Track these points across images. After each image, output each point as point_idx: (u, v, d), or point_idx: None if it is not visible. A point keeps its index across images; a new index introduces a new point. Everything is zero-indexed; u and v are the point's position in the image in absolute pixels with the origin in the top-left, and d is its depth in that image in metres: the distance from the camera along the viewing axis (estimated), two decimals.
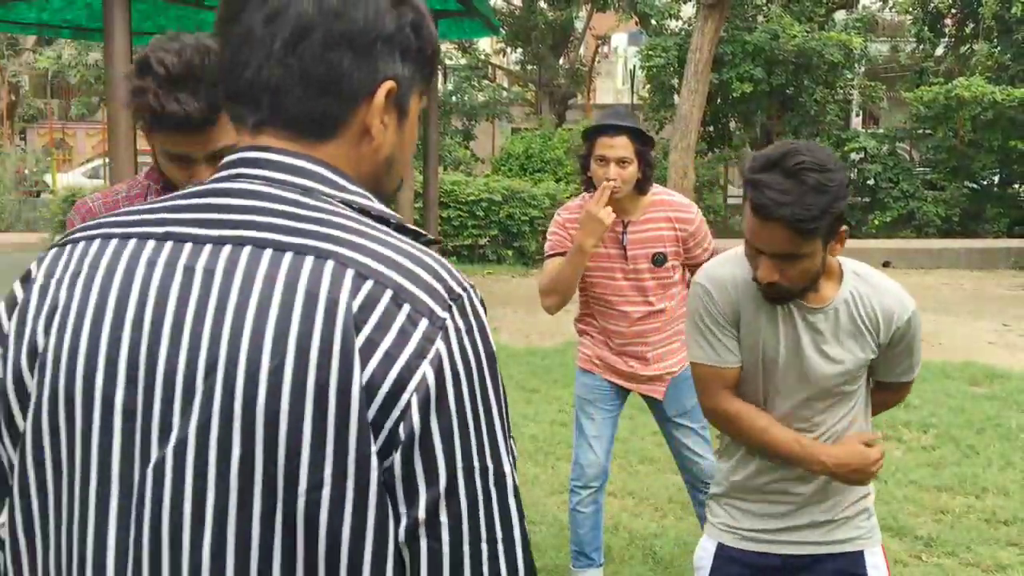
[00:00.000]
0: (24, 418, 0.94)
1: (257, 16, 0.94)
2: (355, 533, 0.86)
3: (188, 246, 0.92)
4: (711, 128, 18.86)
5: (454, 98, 21.86)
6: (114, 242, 0.95)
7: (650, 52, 18.22)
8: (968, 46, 21.03)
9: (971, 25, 20.72)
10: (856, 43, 18.08)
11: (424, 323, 0.87)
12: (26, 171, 22.26)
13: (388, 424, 0.86)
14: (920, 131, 18.16)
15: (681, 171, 13.50)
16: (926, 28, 21.35)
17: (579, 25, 25.75)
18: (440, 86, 18.69)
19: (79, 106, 22.35)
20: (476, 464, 0.89)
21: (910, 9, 21.44)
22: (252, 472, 0.85)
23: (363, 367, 0.85)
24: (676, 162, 13.50)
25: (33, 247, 15.65)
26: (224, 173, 0.97)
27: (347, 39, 0.94)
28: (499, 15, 21.99)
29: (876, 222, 17.19)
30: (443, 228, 13.37)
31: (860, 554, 2.15)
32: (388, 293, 0.87)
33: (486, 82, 24.89)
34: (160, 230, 0.94)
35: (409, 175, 9.37)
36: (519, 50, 26.22)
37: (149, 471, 0.87)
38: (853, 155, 18.00)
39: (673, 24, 19.77)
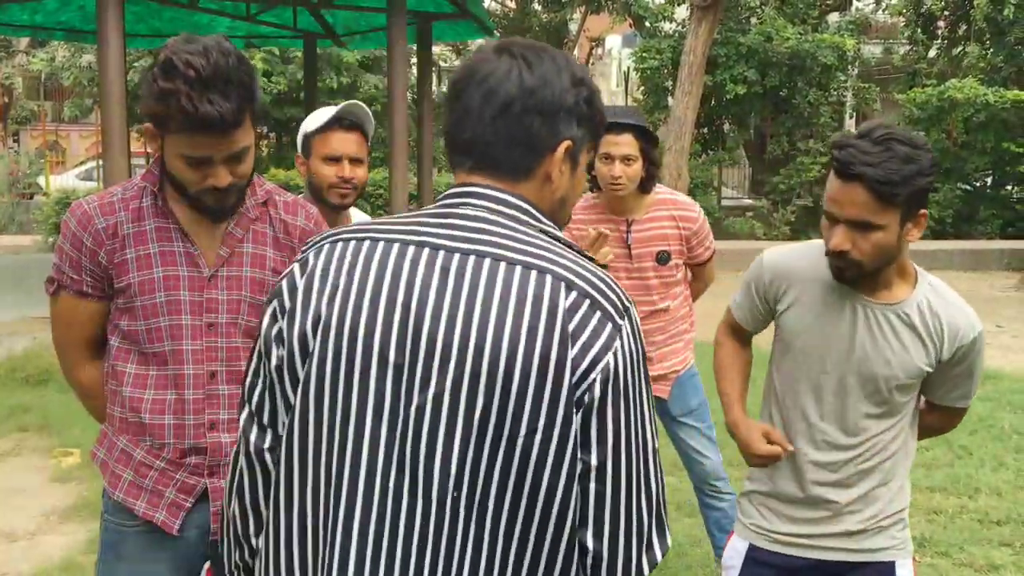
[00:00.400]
0: (302, 368, 1.27)
1: (476, 95, 1.31)
2: (554, 467, 1.21)
3: (441, 252, 1.26)
4: (705, 130, 18.88)
5: None
6: (381, 244, 1.28)
7: (644, 54, 18.25)
8: (961, 48, 21.10)
9: (964, 27, 20.80)
10: (849, 45, 18.13)
11: (609, 326, 1.24)
12: (19, 173, 22.20)
13: (578, 392, 1.21)
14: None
15: (675, 173, 13.51)
16: (919, 30, 21.43)
17: (573, 27, 25.76)
18: (434, 88, 18.71)
19: (72, 108, 22.26)
20: (635, 430, 1.26)
21: (903, 11, 21.51)
22: (488, 416, 1.20)
23: (572, 347, 1.21)
24: (670, 164, 13.52)
25: (26, 249, 15.60)
26: (451, 200, 1.33)
27: (538, 110, 1.30)
28: (493, 17, 22.00)
29: None
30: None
31: (891, 565, 2.13)
32: (587, 301, 1.23)
33: None
34: (416, 238, 1.28)
35: (404, 177, 9.36)
36: None
37: (412, 410, 1.22)
38: None
39: (667, 26, 19.80)
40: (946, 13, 21.01)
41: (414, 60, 11.90)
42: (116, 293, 1.93)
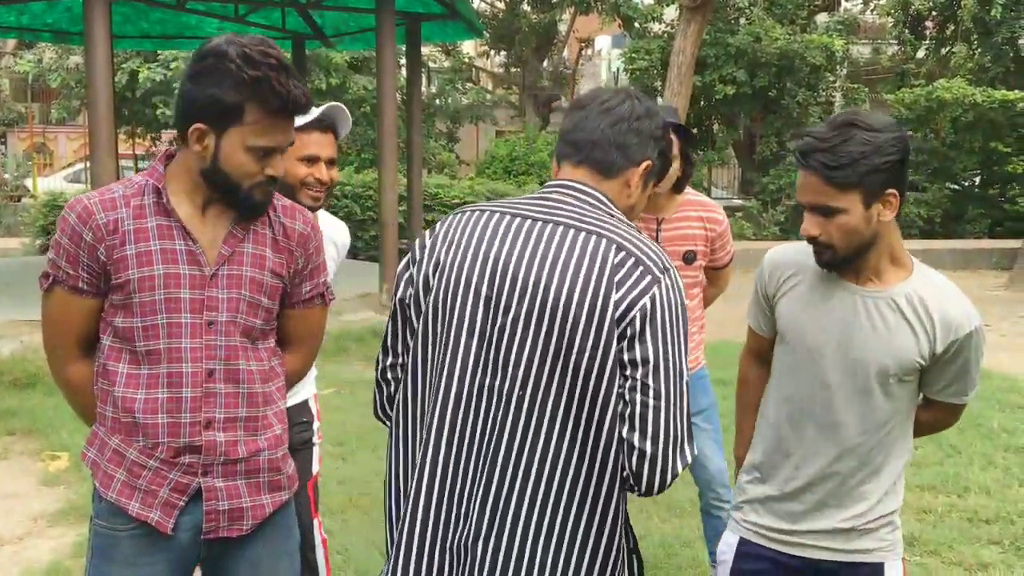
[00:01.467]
0: (424, 301, 1.77)
1: (596, 109, 1.81)
2: (608, 381, 1.65)
3: (528, 220, 1.74)
4: (694, 130, 18.89)
5: (438, 101, 21.84)
6: (486, 213, 1.78)
7: (633, 55, 18.28)
8: (949, 48, 21.19)
9: (952, 27, 20.88)
10: (838, 45, 18.19)
11: (649, 278, 1.66)
12: (7, 176, 22.10)
13: (621, 326, 1.64)
14: None
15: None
16: (907, 31, 21.51)
17: (562, 28, 25.78)
18: (424, 89, 18.68)
19: (59, 109, 22.17)
20: (671, 359, 1.66)
21: (891, 12, 21.58)
22: (551, 337, 1.66)
23: (616, 292, 1.64)
24: None
25: (14, 252, 15.51)
26: (547, 190, 1.81)
27: (637, 131, 1.80)
28: (482, 18, 22.00)
29: None
30: (427, 231, 13.33)
31: (881, 566, 2.11)
32: (632, 259, 1.67)
33: (470, 85, 24.88)
34: (513, 211, 1.77)
35: (393, 178, 9.34)
36: (503, 53, 26.23)
37: (495, 329, 1.70)
38: None
39: (656, 27, 19.84)
40: (934, 13, 21.10)
41: (403, 61, 11.88)
42: (112, 289, 1.91)
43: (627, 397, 1.65)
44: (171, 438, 1.91)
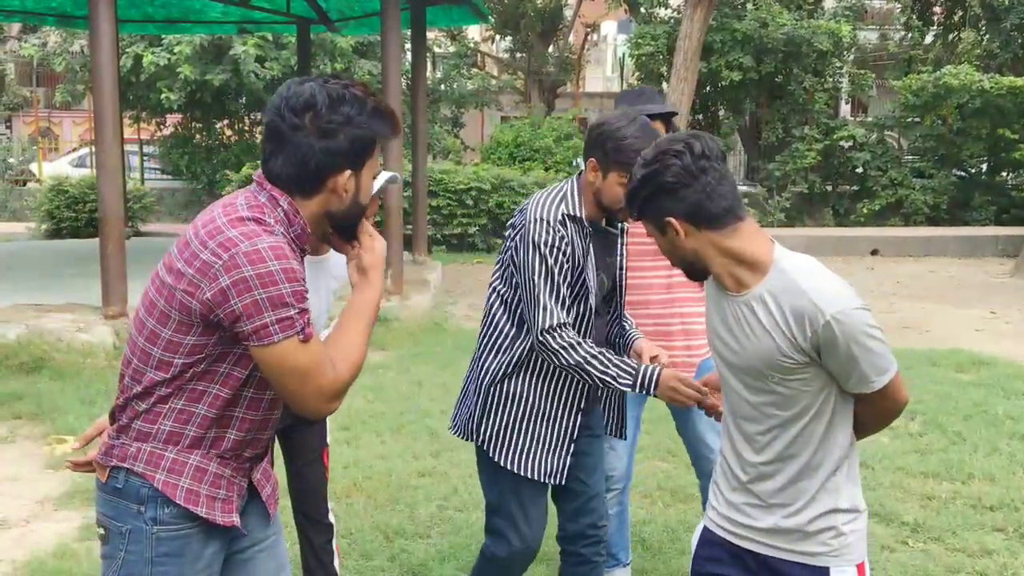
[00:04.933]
0: None
1: None
2: None
3: None
4: (700, 116, 18.86)
5: (443, 86, 21.77)
6: None
7: (639, 40, 18.20)
8: (957, 34, 21.07)
9: (960, 13, 20.76)
10: (845, 31, 18.10)
11: None
12: (12, 160, 22.11)
13: None
14: (908, 119, 18.19)
15: None
16: (915, 16, 21.39)
17: (568, 13, 25.69)
18: (429, 74, 18.62)
19: (63, 92, 22.14)
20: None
21: None
22: None
23: None
24: None
25: (20, 236, 15.55)
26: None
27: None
28: (488, 3, 21.91)
29: (864, 210, 17.23)
30: (432, 217, 13.33)
31: (826, 570, 2.08)
32: None
33: (475, 70, 24.79)
34: None
35: (399, 164, 9.33)
36: (508, 38, 26.14)
37: None
38: (842, 143, 18.03)
39: (662, 12, 19.74)
40: None
41: (408, 46, 11.85)
42: (242, 337, 1.84)
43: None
44: (251, 449, 2.01)
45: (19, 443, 5.23)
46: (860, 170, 17.92)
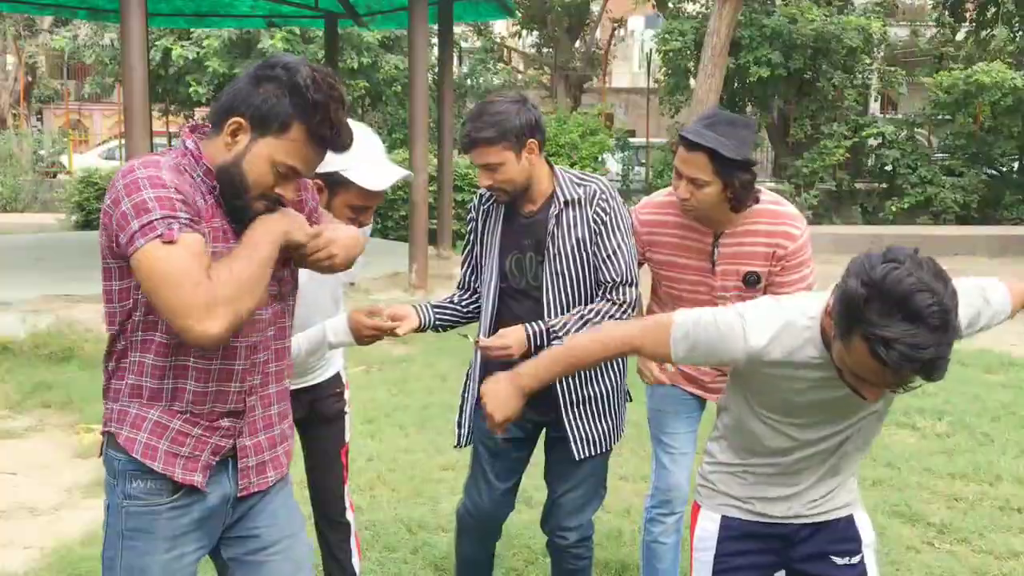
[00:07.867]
0: None
1: None
2: None
3: None
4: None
5: (469, 81, 21.80)
6: None
7: (667, 35, 18.12)
8: (989, 31, 20.81)
9: (992, 10, 20.49)
10: (875, 27, 17.92)
11: None
12: (43, 152, 22.36)
13: None
14: (939, 117, 17.99)
15: None
16: (947, 12, 21.13)
17: (595, 8, 25.61)
18: (455, 69, 18.63)
19: (92, 84, 22.36)
20: None
21: None
22: None
23: None
24: None
25: (49, 228, 15.72)
26: None
27: None
28: None
29: (893, 208, 17.08)
30: (457, 211, 13.36)
31: (851, 517, 2.21)
32: None
33: (501, 65, 24.81)
34: None
35: (424, 158, 9.34)
36: (534, 33, 26.11)
37: None
38: (871, 141, 17.86)
39: (690, 7, 19.64)
40: None
41: (435, 40, 11.86)
42: None
43: None
44: (218, 403, 1.96)
45: (48, 432, 5.30)
46: (889, 168, 17.75)
